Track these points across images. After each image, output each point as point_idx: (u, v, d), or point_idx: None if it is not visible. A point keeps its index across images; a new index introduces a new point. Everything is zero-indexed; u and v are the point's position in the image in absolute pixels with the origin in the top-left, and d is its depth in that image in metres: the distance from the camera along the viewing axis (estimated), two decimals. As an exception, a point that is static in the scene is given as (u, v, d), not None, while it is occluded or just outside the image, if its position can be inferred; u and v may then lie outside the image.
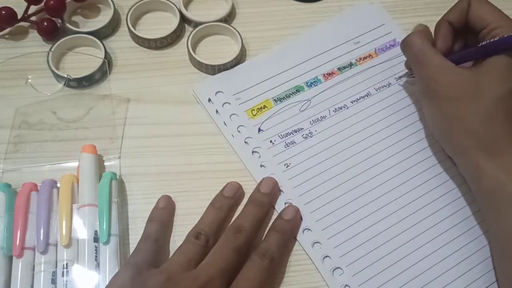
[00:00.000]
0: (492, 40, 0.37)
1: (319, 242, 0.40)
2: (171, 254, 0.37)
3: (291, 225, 0.40)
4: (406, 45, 0.41)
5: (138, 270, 0.35)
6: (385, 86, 0.47)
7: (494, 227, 0.37)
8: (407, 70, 0.46)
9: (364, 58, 0.48)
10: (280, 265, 0.39)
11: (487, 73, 0.37)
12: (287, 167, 0.42)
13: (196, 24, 0.49)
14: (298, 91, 0.46)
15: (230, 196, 0.40)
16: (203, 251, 0.36)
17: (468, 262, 0.39)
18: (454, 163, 0.42)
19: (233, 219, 0.40)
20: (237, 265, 0.36)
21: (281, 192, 0.41)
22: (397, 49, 0.48)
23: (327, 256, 0.39)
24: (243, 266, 0.36)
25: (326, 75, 0.47)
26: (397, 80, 0.47)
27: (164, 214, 0.40)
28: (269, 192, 0.40)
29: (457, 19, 0.40)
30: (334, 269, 0.39)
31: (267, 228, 0.40)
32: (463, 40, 0.41)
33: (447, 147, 0.41)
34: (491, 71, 0.37)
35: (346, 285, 0.38)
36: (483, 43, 0.37)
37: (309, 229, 0.40)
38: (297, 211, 0.40)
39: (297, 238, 0.40)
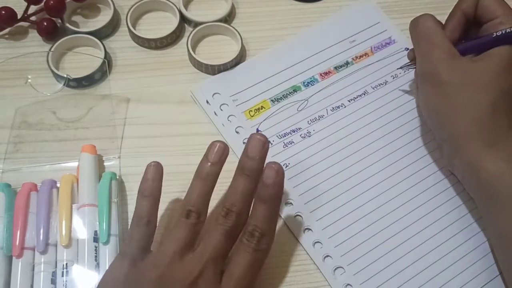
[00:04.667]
0: (503, 32, 0.37)
1: (320, 242, 0.40)
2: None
3: (276, 190, 0.36)
4: (417, 24, 0.40)
5: (133, 262, 0.34)
6: (381, 84, 0.47)
7: (493, 219, 0.37)
8: (408, 61, 0.45)
9: (360, 56, 0.48)
10: (273, 238, 0.36)
11: (495, 64, 0.37)
12: (286, 167, 0.42)
13: (196, 24, 0.49)
14: (295, 91, 0.46)
15: (216, 161, 0.37)
16: (196, 230, 0.35)
17: (469, 258, 0.39)
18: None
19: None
20: (231, 248, 0.35)
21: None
22: (393, 47, 0.48)
23: (328, 256, 0.39)
24: (234, 250, 0.35)
25: (322, 74, 0.47)
26: (398, 69, 0.47)
27: (154, 187, 0.37)
28: (258, 157, 0.36)
29: (470, 9, 0.39)
30: (336, 269, 0.39)
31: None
32: (473, 32, 0.41)
33: (442, 135, 0.40)
34: (498, 62, 0.37)
35: (348, 284, 0.38)
36: (493, 35, 0.37)
37: (310, 229, 0.40)
38: (277, 170, 0.35)
39: (298, 238, 0.40)
